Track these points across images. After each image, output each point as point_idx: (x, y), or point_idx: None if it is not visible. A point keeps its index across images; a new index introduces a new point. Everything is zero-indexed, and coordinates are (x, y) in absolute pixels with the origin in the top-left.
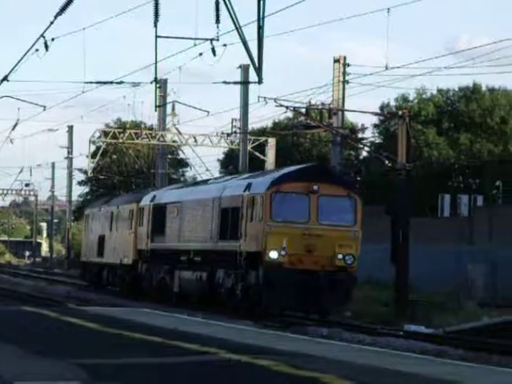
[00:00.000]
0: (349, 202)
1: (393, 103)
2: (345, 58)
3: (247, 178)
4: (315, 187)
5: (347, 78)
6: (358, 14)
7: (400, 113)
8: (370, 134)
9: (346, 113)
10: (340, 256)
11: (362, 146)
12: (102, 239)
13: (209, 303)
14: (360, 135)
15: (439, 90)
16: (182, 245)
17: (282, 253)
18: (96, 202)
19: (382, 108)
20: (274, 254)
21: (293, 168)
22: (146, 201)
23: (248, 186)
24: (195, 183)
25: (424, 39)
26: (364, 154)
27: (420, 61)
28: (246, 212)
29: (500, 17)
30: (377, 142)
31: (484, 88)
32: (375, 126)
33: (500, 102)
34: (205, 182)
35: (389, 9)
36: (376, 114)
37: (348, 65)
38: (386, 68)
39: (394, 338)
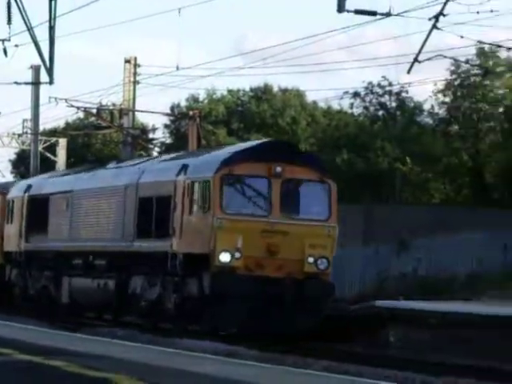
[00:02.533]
0: (322, 189)
1: (184, 103)
2: (135, 58)
3: (178, 159)
4: (278, 169)
5: (138, 78)
6: (150, 14)
7: (190, 113)
8: (160, 135)
9: (137, 113)
10: (311, 259)
11: (152, 146)
12: None
13: (117, 316)
14: (151, 135)
15: (229, 91)
16: (75, 245)
17: (236, 255)
18: None
19: (172, 108)
20: (225, 257)
21: (248, 144)
22: (17, 192)
23: (183, 169)
24: (90, 168)
25: (214, 39)
26: (155, 153)
27: (210, 61)
28: (182, 202)
29: (289, 17)
30: (167, 142)
31: (276, 89)
32: (166, 126)
33: (291, 103)
34: (102, 166)
35: (180, 9)
36: (167, 114)
37: (139, 65)
38: (177, 68)
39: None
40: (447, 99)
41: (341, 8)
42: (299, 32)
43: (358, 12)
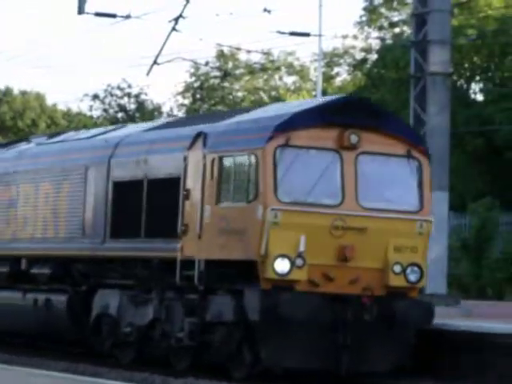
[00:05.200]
0: (410, 169)
1: None
2: None
3: (185, 125)
4: (353, 138)
5: None
6: None
7: None
8: None
9: None
10: (397, 268)
11: None
12: None
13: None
14: None
15: None
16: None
17: (298, 262)
18: None
19: None
20: (282, 265)
21: (309, 102)
22: None
23: (199, 138)
24: (17, 142)
25: None
26: None
27: None
28: (202, 187)
29: (32, 17)
30: None
31: (16, 91)
32: None
33: (31, 105)
34: (51, 136)
35: None
36: None
37: None
38: None
39: None
40: (186, 101)
41: (81, 10)
42: (42, 33)
43: (98, 14)
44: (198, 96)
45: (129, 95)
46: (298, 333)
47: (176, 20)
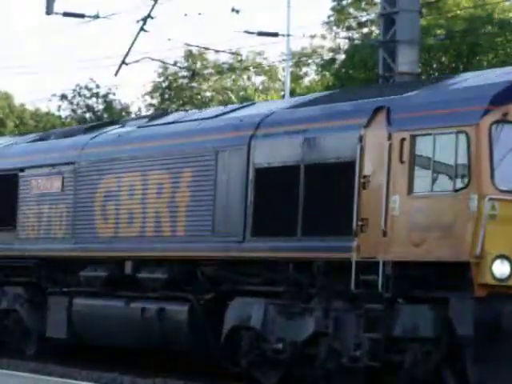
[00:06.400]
0: None
1: None
2: None
3: (353, 98)
4: None
5: None
6: None
7: None
8: None
9: None
10: None
11: None
12: None
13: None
14: None
15: None
16: (94, 248)
17: None
18: None
19: None
20: (502, 269)
21: None
22: None
23: (379, 113)
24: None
25: None
26: None
27: None
28: (388, 174)
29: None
30: None
31: None
32: None
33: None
34: (152, 117)
35: None
36: None
37: None
38: None
39: None
40: (155, 101)
41: (49, 10)
42: (7, 32)
43: (66, 14)
44: (166, 96)
45: (97, 95)
46: None
47: (144, 20)
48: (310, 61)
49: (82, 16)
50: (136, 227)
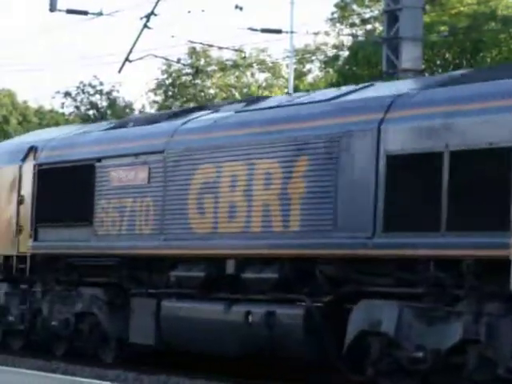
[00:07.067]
0: None
1: None
2: None
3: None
4: None
5: None
6: None
7: None
8: None
9: None
10: None
11: None
12: None
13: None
14: None
15: None
16: (186, 245)
17: None
18: None
19: None
20: None
21: None
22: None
23: None
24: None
25: None
26: None
27: None
28: None
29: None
30: None
31: None
32: None
33: (2, 102)
34: (249, 102)
35: None
36: None
37: None
38: None
39: None
40: (158, 98)
41: (53, 7)
42: (10, 29)
43: (69, 11)
44: (169, 93)
45: (100, 92)
46: None
47: (148, 17)
48: (313, 58)
49: (85, 13)
50: (239, 222)
